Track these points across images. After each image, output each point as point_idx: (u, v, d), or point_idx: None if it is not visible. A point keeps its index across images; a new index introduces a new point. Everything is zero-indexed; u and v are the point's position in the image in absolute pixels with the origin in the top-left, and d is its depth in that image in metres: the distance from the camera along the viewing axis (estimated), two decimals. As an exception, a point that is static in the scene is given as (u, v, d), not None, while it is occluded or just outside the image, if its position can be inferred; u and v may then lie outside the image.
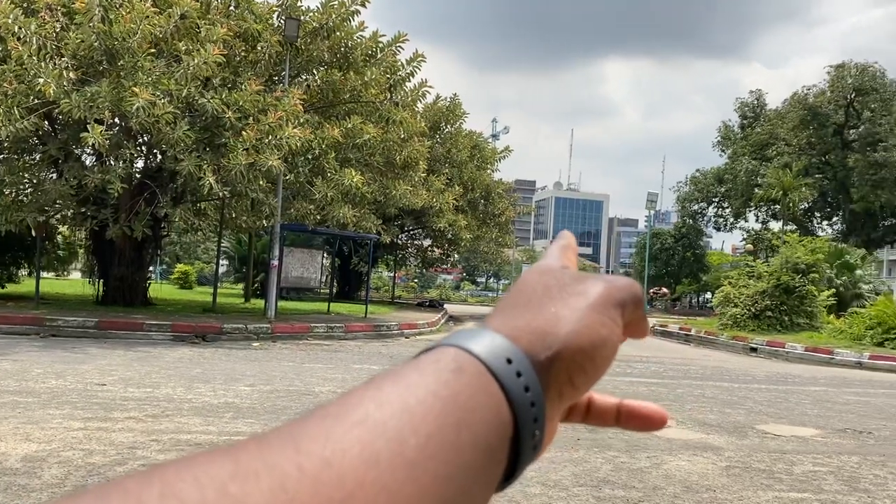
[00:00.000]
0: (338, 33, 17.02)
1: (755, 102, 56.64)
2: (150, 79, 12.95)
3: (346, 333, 16.24)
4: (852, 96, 49.07)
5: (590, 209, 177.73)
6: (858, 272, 29.32)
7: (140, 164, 16.84)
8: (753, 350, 20.53)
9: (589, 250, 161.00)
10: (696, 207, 59.21)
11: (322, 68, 17.64)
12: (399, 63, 18.12)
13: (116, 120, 13.96)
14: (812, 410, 9.05)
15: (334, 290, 28.72)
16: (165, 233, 19.25)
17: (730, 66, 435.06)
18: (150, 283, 19.15)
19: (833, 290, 25.26)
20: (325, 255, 29.88)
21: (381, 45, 17.65)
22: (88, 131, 12.64)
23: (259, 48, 15.71)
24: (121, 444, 5.23)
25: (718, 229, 59.83)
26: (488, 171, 32.07)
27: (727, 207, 56.95)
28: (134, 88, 12.52)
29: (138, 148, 15.53)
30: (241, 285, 32.59)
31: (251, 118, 14.02)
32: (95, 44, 13.04)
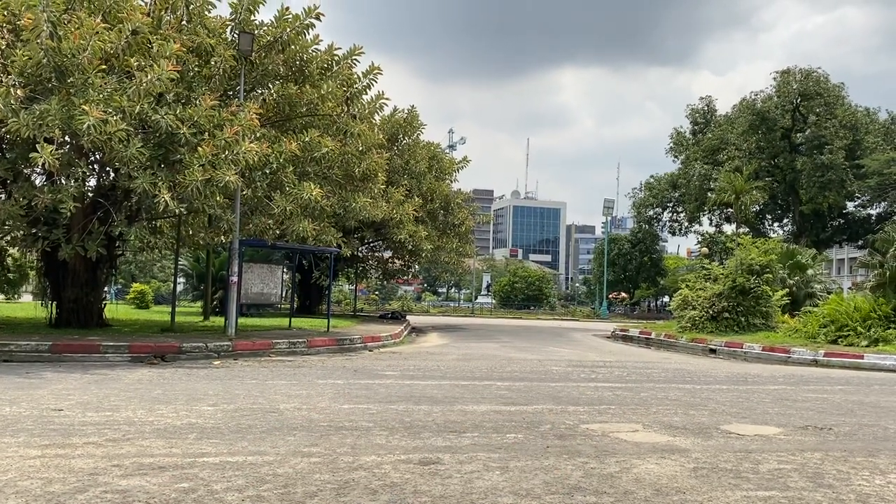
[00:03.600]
0: (293, 47, 16.92)
1: (705, 108, 57.89)
2: (101, 96, 12.69)
3: (309, 348, 16.08)
4: (798, 101, 50.45)
5: (547, 217, 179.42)
6: (810, 272, 30.02)
7: (93, 182, 16.50)
8: (713, 351, 20.87)
9: (548, 258, 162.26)
10: (651, 213, 60.15)
11: (278, 82, 17.52)
12: (355, 76, 18.10)
13: (67, 138, 13.65)
14: (773, 409, 9.21)
15: (295, 305, 28.45)
16: (120, 252, 18.84)
17: (680, 74, 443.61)
18: (105, 304, 18.71)
19: (786, 290, 25.83)
20: (284, 269, 29.65)
21: (336, 58, 17.62)
22: (38, 150, 12.35)
23: (213, 63, 15.52)
24: (81, 470, 5.08)
25: (674, 233, 60.94)
26: (447, 182, 32.28)
27: (681, 212, 57.98)
28: (84, 106, 12.26)
29: (90, 166, 15.20)
30: (199, 303, 32.05)
31: (207, 133, 13.83)
32: (44, 61, 12.74)
